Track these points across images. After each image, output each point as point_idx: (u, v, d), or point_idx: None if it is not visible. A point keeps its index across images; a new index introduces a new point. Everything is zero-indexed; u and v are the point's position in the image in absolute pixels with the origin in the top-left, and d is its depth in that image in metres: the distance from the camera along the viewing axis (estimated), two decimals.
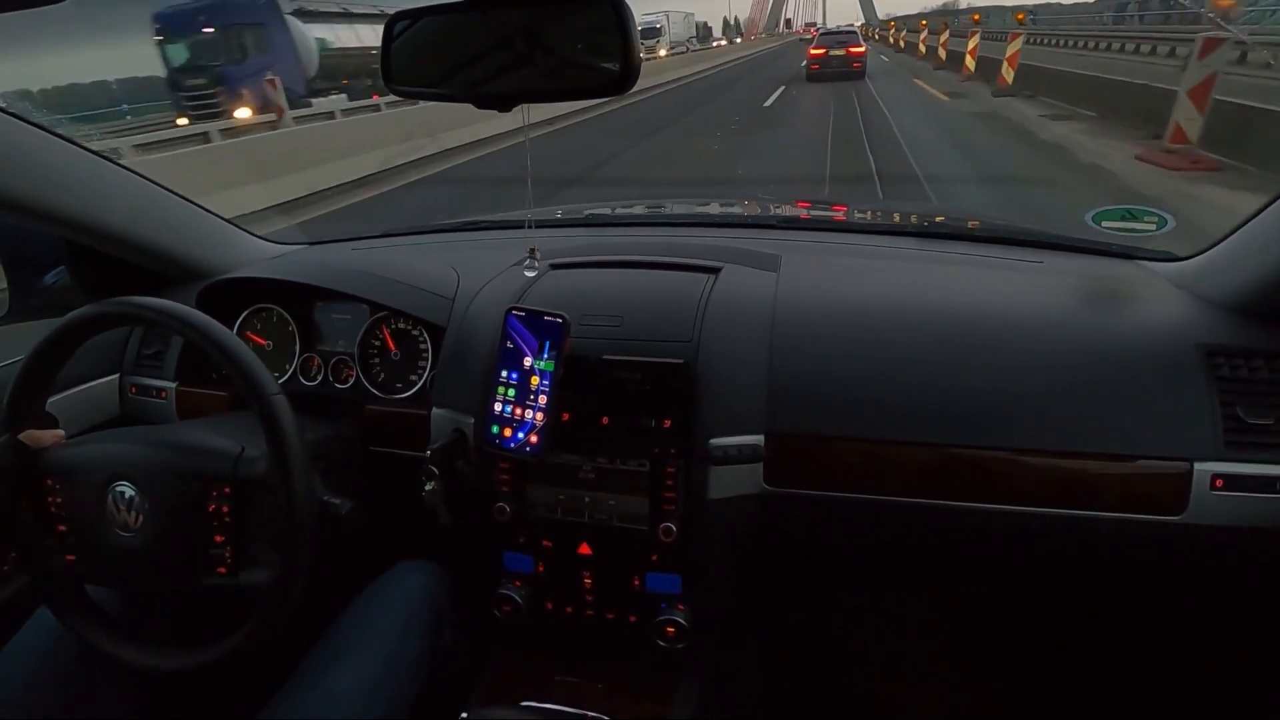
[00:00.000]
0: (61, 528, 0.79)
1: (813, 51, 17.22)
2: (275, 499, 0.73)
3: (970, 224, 1.43)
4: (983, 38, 14.89)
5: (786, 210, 1.62)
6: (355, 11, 17.20)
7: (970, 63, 14.44)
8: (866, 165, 6.92)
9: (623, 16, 0.64)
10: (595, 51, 0.67)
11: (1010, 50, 11.74)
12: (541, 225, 1.39)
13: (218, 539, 0.75)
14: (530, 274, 0.94)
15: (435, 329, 1.03)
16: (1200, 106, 6.11)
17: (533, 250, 0.93)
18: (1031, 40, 16.74)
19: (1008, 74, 11.73)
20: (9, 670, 0.84)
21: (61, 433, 0.83)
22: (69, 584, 0.81)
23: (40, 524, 0.79)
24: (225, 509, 0.75)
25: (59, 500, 0.79)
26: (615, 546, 0.89)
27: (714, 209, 1.74)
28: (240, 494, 0.75)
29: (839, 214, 1.65)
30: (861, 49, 16.88)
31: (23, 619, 0.88)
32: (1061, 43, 20.59)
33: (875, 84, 14.87)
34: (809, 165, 7.28)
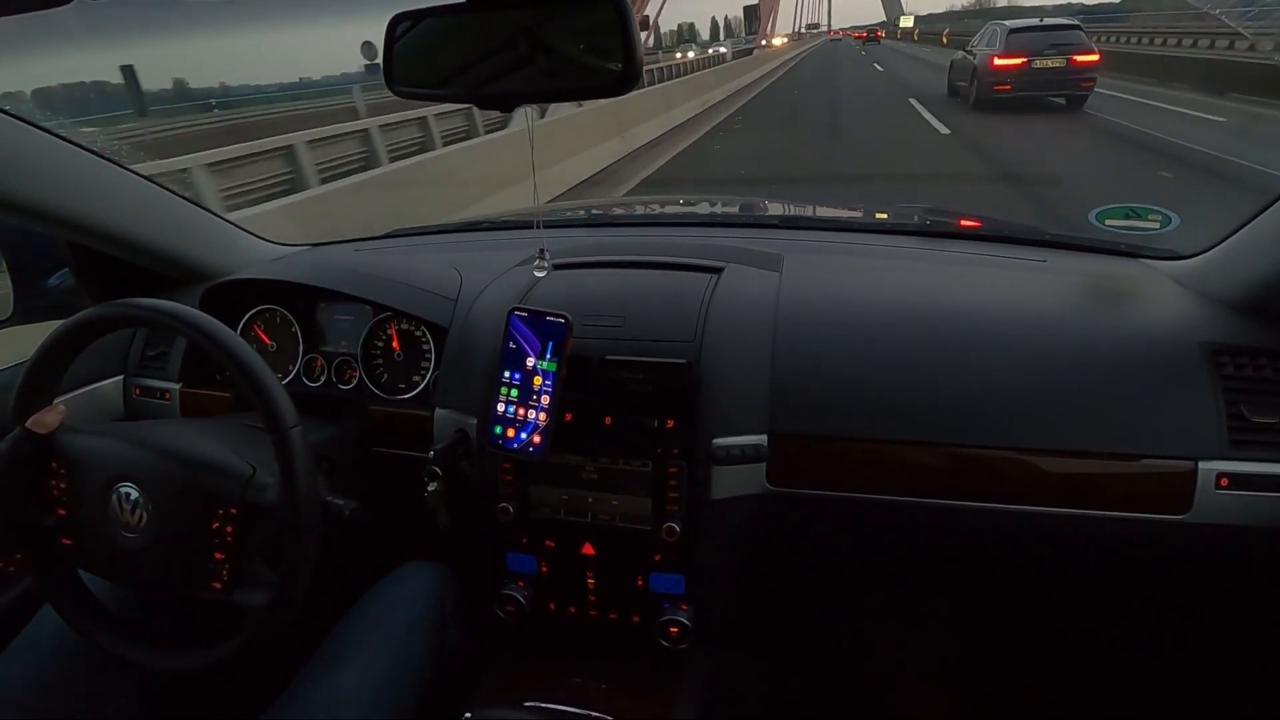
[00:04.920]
0: (61, 511, 0.80)
1: (999, 61, 10.11)
2: (279, 527, 0.73)
3: (973, 223, 1.43)
4: None
5: (789, 209, 1.63)
6: None
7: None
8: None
9: (624, 16, 0.64)
10: (597, 52, 0.67)
11: None
12: (546, 225, 1.39)
13: (217, 556, 0.75)
14: (540, 274, 0.94)
15: (438, 329, 1.03)
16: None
17: (542, 250, 0.92)
18: None
19: None
20: (12, 670, 0.84)
21: (62, 407, 0.82)
22: (61, 566, 0.81)
23: (41, 504, 0.80)
24: (229, 529, 0.75)
25: (62, 486, 0.79)
26: (618, 547, 0.89)
27: (716, 209, 1.74)
28: (245, 517, 0.75)
29: (841, 213, 1.64)
30: (1095, 57, 10.01)
31: (27, 620, 0.88)
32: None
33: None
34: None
